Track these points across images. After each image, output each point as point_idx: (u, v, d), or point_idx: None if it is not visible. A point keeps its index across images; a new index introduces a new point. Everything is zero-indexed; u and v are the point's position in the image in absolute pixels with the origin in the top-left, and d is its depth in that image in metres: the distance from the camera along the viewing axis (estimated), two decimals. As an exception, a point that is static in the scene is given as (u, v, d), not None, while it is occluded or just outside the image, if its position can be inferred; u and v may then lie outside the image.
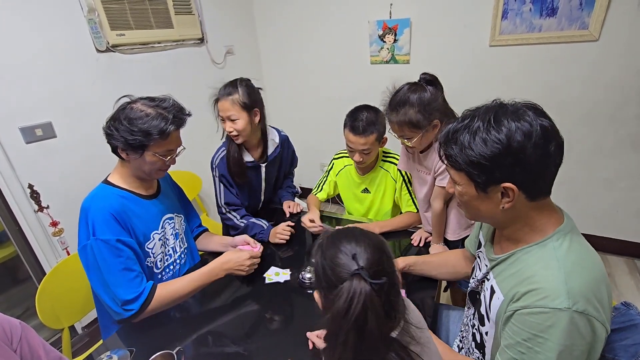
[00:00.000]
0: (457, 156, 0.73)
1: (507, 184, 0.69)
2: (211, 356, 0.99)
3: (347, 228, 0.71)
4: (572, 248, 0.71)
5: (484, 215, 0.79)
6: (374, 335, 0.58)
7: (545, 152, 0.67)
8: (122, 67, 2.02)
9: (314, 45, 2.82)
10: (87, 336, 1.99)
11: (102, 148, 1.92)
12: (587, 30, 1.96)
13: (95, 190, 1.14)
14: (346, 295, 0.57)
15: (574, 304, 0.64)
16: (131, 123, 1.04)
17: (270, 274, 1.31)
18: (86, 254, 1.04)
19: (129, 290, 1.04)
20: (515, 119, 0.68)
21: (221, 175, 1.54)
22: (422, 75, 1.20)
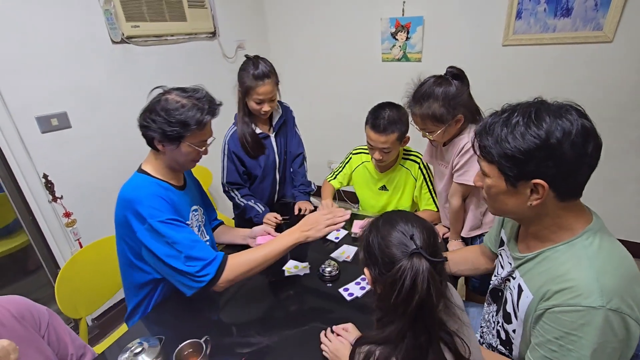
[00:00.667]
0: (492, 148, 0.73)
1: (537, 180, 0.69)
2: (236, 345, 1.00)
3: (399, 211, 0.74)
4: (602, 246, 0.71)
5: (510, 210, 0.79)
6: (433, 309, 0.62)
7: (582, 151, 0.67)
8: (135, 59, 2.02)
9: (324, 42, 2.82)
10: (97, 328, 1.99)
11: (116, 140, 1.95)
12: (602, 32, 1.97)
13: (133, 179, 1.14)
14: (410, 273, 0.60)
15: (608, 302, 0.65)
16: (168, 114, 1.04)
17: (289, 267, 1.31)
18: (147, 235, 1.02)
19: (204, 256, 1.02)
20: (557, 117, 0.68)
21: (231, 152, 1.57)
22: (448, 68, 1.20)
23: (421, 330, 0.63)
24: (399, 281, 0.61)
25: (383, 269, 0.66)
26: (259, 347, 0.98)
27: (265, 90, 1.45)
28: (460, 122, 1.20)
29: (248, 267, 1.06)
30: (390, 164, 1.60)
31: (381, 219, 0.72)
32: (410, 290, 0.60)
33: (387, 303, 0.65)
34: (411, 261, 0.61)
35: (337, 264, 1.28)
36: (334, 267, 1.25)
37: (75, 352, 0.99)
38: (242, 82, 1.47)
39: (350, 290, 1.18)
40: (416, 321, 0.62)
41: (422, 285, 0.60)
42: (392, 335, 0.65)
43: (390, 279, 0.63)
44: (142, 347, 0.84)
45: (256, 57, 1.49)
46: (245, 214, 1.60)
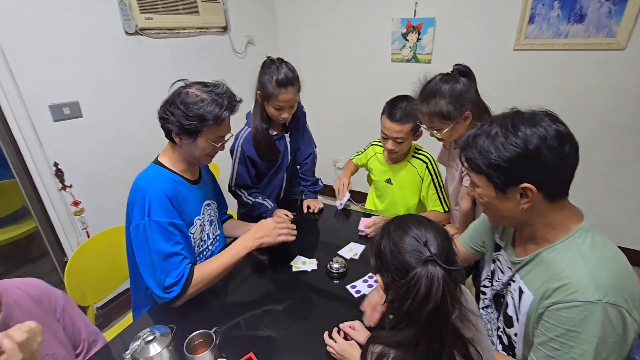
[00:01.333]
0: (477, 159, 0.77)
1: (525, 184, 0.72)
2: (244, 338, 1.01)
3: (411, 215, 0.74)
4: (595, 244, 0.74)
5: (505, 215, 0.82)
6: (445, 320, 0.62)
7: (560, 153, 0.71)
8: (148, 51, 2.02)
9: (334, 40, 2.82)
10: (100, 317, 2.01)
11: (126, 130, 1.96)
12: (615, 39, 1.97)
13: (148, 170, 1.14)
14: (425, 280, 0.60)
15: (605, 296, 0.67)
16: (187, 108, 1.05)
17: (297, 263, 1.32)
18: (138, 233, 1.05)
19: (172, 275, 1.05)
20: (532, 125, 0.72)
21: (245, 156, 1.52)
22: (455, 66, 1.20)
23: (435, 337, 0.63)
24: (413, 289, 0.61)
25: (396, 275, 0.66)
26: (266, 341, 0.99)
27: (288, 98, 1.40)
28: (469, 120, 1.20)
29: (209, 279, 1.10)
30: (400, 157, 1.62)
31: (392, 224, 0.72)
32: (424, 299, 0.60)
33: (400, 309, 0.64)
34: (426, 269, 0.61)
35: (345, 261, 1.28)
36: (342, 264, 1.26)
37: (87, 338, 1.00)
38: (264, 86, 1.40)
39: (358, 287, 1.19)
40: (430, 328, 0.62)
41: (437, 293, 0.59)
42: (406, 340, 0.65)
43: (405, 286, 0.62)
44: (154, 335, 0.85)
45: (280, 61, 1.42)
46: (254, 211, 1.59)
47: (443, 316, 0.61)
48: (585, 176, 2.30)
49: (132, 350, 0.82)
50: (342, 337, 0.96)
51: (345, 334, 0.97)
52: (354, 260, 1.33)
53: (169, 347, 0.85)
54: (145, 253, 1.05)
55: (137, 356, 0.82)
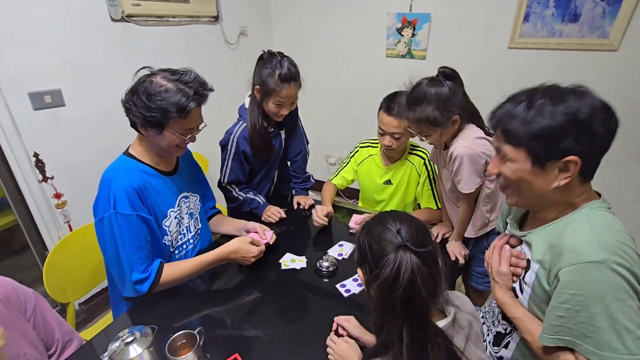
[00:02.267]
0: (519, 130, 0.72)
1: (570, 157, 0.69)
2: (229, 338, 0.98)
3: (391, 211, 0.75)
4: (603, 215, 0.73)
5: (533, 194, 0.77)
6: (424, 304, 0.63)
7: (609, 127, 0.69)
8: (135, 39, 1.95)
9: (328, 33, 2.78)
10: (83, 313, 1.96)
11: (112, 121, 1.90)
12: (608, 40, 1.97)
13: (117, 162, 1.10)
14: (393, 264, 0.62)
15: (610, 256, 0.64)
16: (149, 99, 0.98)
17: (285, 260, 1.29)
18: (103, 226, 1.01)
19: (139, 270, 1.03)
20: (580, 95, 0.70)
21: (240, 151, 1.47)
22: (440, 69, 1.17)
23: (416, 327, 0.63)
24: (382, 272, 0.63)
25: (373, 265, 0.67)
26: (253, 341, 0.96)
27: (290, 94, 1.35)
28: (457, 123, 1.18)
29: (180, 278, 1.11)
30: (397, 155, 1.59)
31: (374, 219, 0.74)
32: (393, 281, 0.61)
33: (379, 301, 0.66)
34: (396, 254, 0.63)
35: (335, 259, 1.26)
36: (332, 263, 1.24)
37: (61, 338, 0.96)
38: (265, 82, 1.33)
39: (348, 286, 1.16)
40: (408, 317, 0.63)
41: (405, 275, 0.61)
42: (390, 337, 0.65)
43: (379, 271, 0.64)
44: (134, 336, 0.82)
45: (281, 55, 1.36)
46: (244, 207, 1.55)
47: (420, 303, 0.62)
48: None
49: (110, 352, 0.79)
50: (335, 328, 0.94)
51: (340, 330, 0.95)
52: (344, 258, 1.30)
53: (150, 349, 0.82)
54: (110, 247, 1.02)
55: (116, 358, 0.79)
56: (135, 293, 1.04)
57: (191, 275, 1.14)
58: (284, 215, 1.52)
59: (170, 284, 1.11)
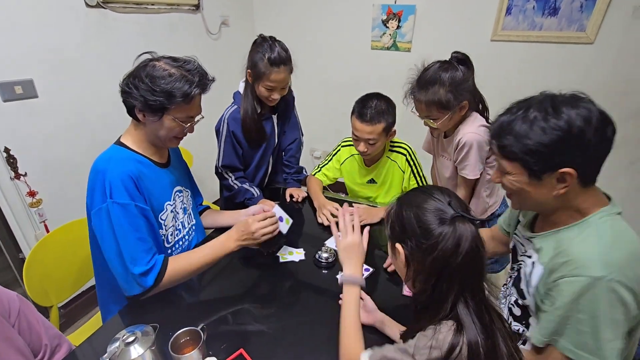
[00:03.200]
0: (513, 146, 0.73)
1: (565, 169, 0.70)
2: (233, 333, 0.95)
3: (425, 185, 0.74)
4: (614, 225, 0.74)
5: (535, 202, 0.80)
6: (483, 271, 0.64)
7: (604, 136, 0.69)
8: (112, 26, 1.85)
9: (313, 25, 2.74)
10: (64, 316, 1.85)
11: (90, 112, 1.79)
12: (584, 33, 2.04)
13: (108, 151, 1.03)
14: (454, 236, 0.62)
15: (611, 273, 0.67)
16: (153, 82, 0.94)
17: (283, 253, 1.27)
18: (101, 217, 0.94)
19: (142, 262, 0.96)
20: (574, 106, 0.69)
21: (230, 132, 1.46)
22: (453, 53, 1.18)
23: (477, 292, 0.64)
24: (444, 247, 0.62)
25: (422, 238, 0.66)
26: (257, 335, 0.94)
27: (279, 78, 1.35)
28: (465, 109, 1.19)
29: (187, 272, 1.03)
30: (376, 156, 1.56)
31: (412, 192, 0.73)
32: (455, 252, 0.61)
33: (431, 275, 0.65)
34: (454, 225, 0.63)
35: (334, 250, 1.25)
36: (331, 254, 1.22)
37: (49, 343, 0.89)
38: (255, 65, 1.34)
39: (348, 276, 1.16)
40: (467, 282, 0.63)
41: (466, 245, 0.61)
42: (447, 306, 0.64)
43: (437, 246, 0.63)
44: (135, 336, 0.77)
45: (272, 39, 1.37)
46: (238, 197, 1.52)
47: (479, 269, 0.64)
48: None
49: (110, 354, 0.74)
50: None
51: None
52: (342, 249, 1.29)
53: (152, 348, 0.78)
54: (110, 240, 0.95)
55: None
56: (141, 288, 0.97)
57: (199, 268, 1.04)
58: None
59: (176, 280, 1.02)
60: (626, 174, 2.25)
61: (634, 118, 2.12)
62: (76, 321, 1.90)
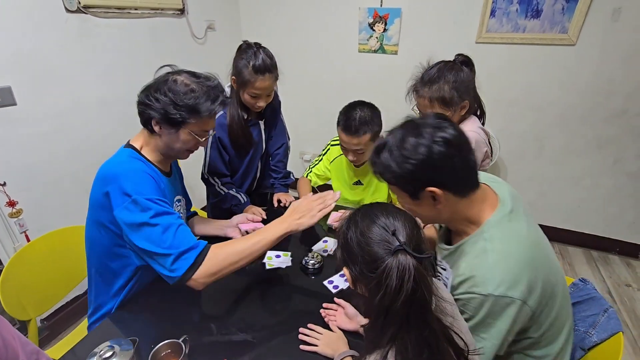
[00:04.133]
0: (384, 175, 0.80)
1: (430, 188, 0.76)
2: (217, 344, 0.93)
3: (378, 203, 0.71)
4: (501, 237, 0.78)
5: (428, 217, 0.86)
6: (425, 308, 0.60)
7: (448, 155, 0.74)
8: (94, 32, 1.81)
9: (300, 28, 2.73)
10: (46, 329, 1.80)
11: (72, 120, 1.75)
12: (567, 35, 2.08)
13: (120, 154, 1.03)
14: (397, 272, 0.57)
15: (496, 289, 0.73)
16: (177, 96, 0.97)
17: (270, 256, 1.25)
18: (127, 212, 0.90)
19: (185, 241, 0.91)
20: (417, 135, 0.75)
21: (217, 138, 1.43)
22: (457, 55, 1.21)
23: (421, 326, 0.60)
24: (384, 281, 0.57)
25: (365, 268, 0.63)
26: (242, 346, 0.92)
27: (264, 85, 1.33)
28: (465, 110, 1.21)
29: (234, 258, 0.93)
30: (365, 159, 1.55)
31: (359, 213, 0.68)
32: (397, 290, 0.56)
33: (373, 303, 0.61)
34: (396, 259, 0.58)
35: (321, 256, 1.23)
36: (318, 259, 1.21)
37: (27, 359, 0.86)
38: (240, 72, 1.32)
39: (335, 282, 1.14)
40: (411, 318, 0.59)
41: (409, 283, 0.56)
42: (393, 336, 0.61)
43: (375, 280, 0.59)
44: (113, 350, 0.75)
45: (257, 46, 1.35)
46: (225, 203, 1.50)
47: (423, 305, 0.59)
48: (540, 166, 2.44)
49: (86, 370, 0.72)
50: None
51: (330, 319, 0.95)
52: (329, 254, 1.28)
53: (131, 363, 0.76)
54: (145, 227, 0.90)
55: (94, 376, 0.72)
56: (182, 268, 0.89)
57: (248, 256, 0.94)
58: (265, 216, 1.47)
59: (223, 267, 0.92)
60: (610, 173, 2.29)
61: (617, 118, 2.16)
62: (60, 333, 1.85)
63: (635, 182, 2.25)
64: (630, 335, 1.86)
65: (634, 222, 2.35)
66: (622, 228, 2.39)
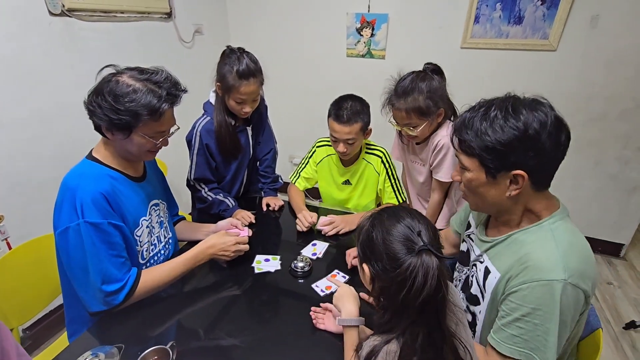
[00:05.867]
0: (472, 141, 0.76)
1: (518, 171, 0.73)
2: (205, 350, 0.91)
3: (402, 206, 0.73)
4: (567, 230, 0.77)
5: (490, 202, 0.82)
6: (441, 307, 0.63)
7: (557, 141, 0.72)
8: (79, 36, 1.79)
9: (288, 33, 2.75)
10: (29, 339, 1.75)
11: (54, 125, 1.73)
12: (548, 41, 2.14)
13: (80, 166, 0.99)
14: (422, 270, 0.60)
15: (570, 277, 0.69)
16: (117, 100, 0.90)
17: (259, 260, 1.25)
18: (68, 237, 0.90)
19: (115, 279, 0.93)
20: (532, 109, 0.72)
21: (204, 145, 1.42)
22: (426, 64, 1.22)
23: (434, 325, 0.63)
24: (409, 279, 0.60)
25: (388, 265, 0.65)
26: (230, 350, 0.91)
27: (249, 90, 1.32)
28: (441, 117, 1.23)
29: (158, 285, 1.04)
30: (354, 157, 1.58)
31: (385, 213, 0.71)
32: (421, 288, 0.60)
33: (392, 299, 0.64)
34: (421, 258, 0.61)
35: (310, 259, 1.24)
36: (307, 263, 1.21)
37: None
38: (224, 78, 1.31)
39: (324, 285, 1.15)
40: (425, 316, 0.62)
41: (432, 282, 0.60)
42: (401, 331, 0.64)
43: (400, 276, 0.62)
44: (97, 357, 0.74)
45: (241, 51, 1.34)
46: (212, 209, 1.48)
47: (441, 304, 0.62)
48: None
49: (70, 379, 0.70)
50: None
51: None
52: (318, 258, 1.28)
53: (116, 371, 0.74)
54: (77, 259, 0.91)
55: (77, 385, 0.70)
56: (107, 305, 0.94)
57: (169, 281, 1.06)
58: (254, 220, 1.47)
59: (145, 294, 1.02)
60: (591, 175, 2.35)
61: (598, 121, 2.22)
62: (43, 343, 1.80)
63: (616, 183, 2.32)
64: (612, 332, 1.90)
65: (615, 222, 2.42)
66: (605, 228, 2.46)
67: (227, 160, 1.52)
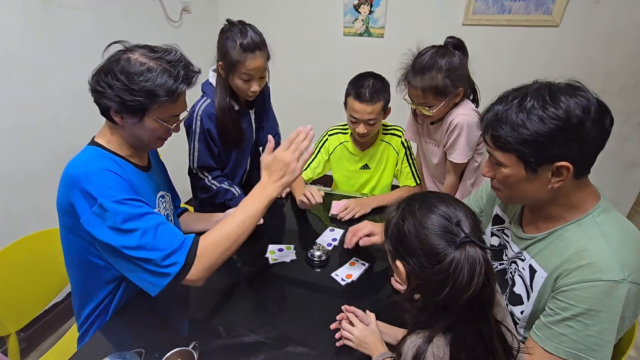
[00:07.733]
0: (509, 136, 0.70)
1: (562, 162, 0.67)
2: (228, 347, 0.86)
3: (432, 192, 0.66)
4: (614, 222, 0.72)
5: (529, 196, 0.76)
6: (490, 303, 0.57)
7: (602, 127, 0.67)
8: (59, 15, 1.64)
9: (281, 11, 2.61)
10: (24, 341, 1.66)
11: (38, 112, 1.59)
12: (550, 16, 2.09)
13: (83, 153, 0.89)
14: (467, 265, 0.53)
15: (629, 275, 0.65)
16: (130, 79, 0.81)
17: (273, 250, 1.19)
18: (97, 220, 0.79)
19: (168, 242, 0.80)
20: (572, 95, 0.66)
21: (205, 130, 1.31)
22: (448, 38, 1.15)
23: (482, 320, 0.58)
24: (452, 276, 0.54)
25: (425, 261, 0.59)
26: (255, 347, 0.86)
27: (256, 65, 1.21)
28: (459, 96, 1.16)
29: (225, 244, 0.84)
30: (371, 140, 1.52)
31: (415, 203, 0.64)
32: (467, 285, 0.54)
33: (433, 298, 0.58)
34: (464, 252, 0.55)
35: (326, 247, 1.18)
36: (324, 251, 1.16)
37: None
38: (227, 54, 1.20)
39: (343, 274, 1.10)
40: (473, 312, 0.57)
41: (479, 277, 0.54)
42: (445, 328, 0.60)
43: (442, 274, 0.56)
44: (118, 366, 0.67)
45: (242, 23, 1.23)
46: (217, 198, 1.40)
47: (489, 300, 0.56)
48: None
49: (89, 391, 0.64)
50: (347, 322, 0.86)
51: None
52: (335, 246, 1.23)
53: (139, 378, 0.68)
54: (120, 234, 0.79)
55: (98, 397, 0.64)
56: (170, 269, 0.78)
57: (242, 233, 0.86)
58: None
59: (220, 253, 0.84)
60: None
61: (598, 98, 2.21)
62: (39, 345, 1.71)
63: (615, 159, 2.33)
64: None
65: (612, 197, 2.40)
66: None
67: (229, 146, 1.43)
